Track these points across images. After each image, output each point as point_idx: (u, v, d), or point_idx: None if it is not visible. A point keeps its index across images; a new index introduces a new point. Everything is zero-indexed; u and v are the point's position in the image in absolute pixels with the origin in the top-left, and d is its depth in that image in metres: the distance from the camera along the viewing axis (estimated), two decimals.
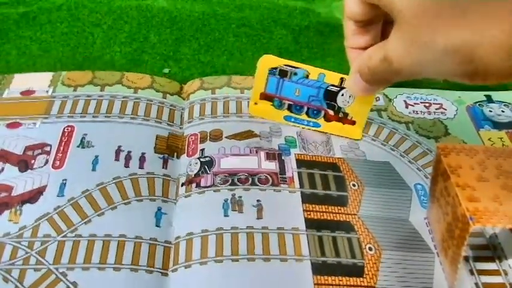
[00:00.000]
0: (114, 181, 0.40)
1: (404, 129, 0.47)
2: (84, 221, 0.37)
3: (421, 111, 0.49)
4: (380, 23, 0.36)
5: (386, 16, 0.33)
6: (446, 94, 0.52)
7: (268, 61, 0.44)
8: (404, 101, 0.50)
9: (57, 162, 0.41)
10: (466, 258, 0.38)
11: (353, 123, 0.45)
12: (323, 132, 0.46)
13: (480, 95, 0.52)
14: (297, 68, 0.44)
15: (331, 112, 0.45)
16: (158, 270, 0.36)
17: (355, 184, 0.41)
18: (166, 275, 0.36)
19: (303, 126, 0.46)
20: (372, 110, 0.47)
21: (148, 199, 0.39)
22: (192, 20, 0.59)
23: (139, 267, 0.35)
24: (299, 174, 0.42)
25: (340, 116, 0.45)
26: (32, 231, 0.36)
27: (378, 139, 0.46)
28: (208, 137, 0.44)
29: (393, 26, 0.31)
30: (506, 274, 0.37)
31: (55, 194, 0.39)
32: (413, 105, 0.50)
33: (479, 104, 0.51)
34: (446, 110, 0.50)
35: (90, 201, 0.39)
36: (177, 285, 0.35)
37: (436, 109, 0.50)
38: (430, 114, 0.49)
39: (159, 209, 0.39)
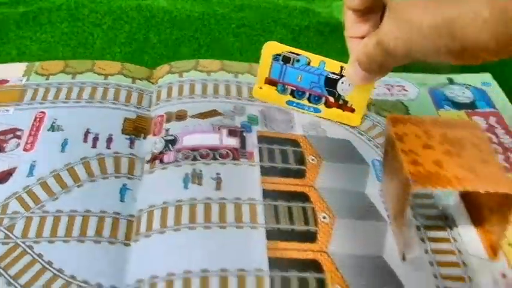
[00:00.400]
0: (81, 161, 0.42)
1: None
2: (52, 198, 0.40)
3: (383, 94, 0.51)
4: (379, 13, 0.38)
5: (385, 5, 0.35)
6: (410, 77, 0.53)
7: (272, 47, 0.46)
8: None
9: (28, 146, 0.43)
10: (418, 228, 0.39)
11: (352, 110, 0.47)
12: (323, 117, 0.48)
13: (443, 78, 0.54)
14: (299, 55, 0.46)
15: (331, 99, 0.47)
16: (121, 241, 0.38)
17: (314, 158, 0.43)
18: (128, 245, 0.38)
19: (304, 111, 0.48)
20: None
21: (114, 176, 0.42)
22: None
23: (102, 239, 0.38)
24: (259, 149, 0.43)
25: (340, 103, 0.47)
26: (1, 209, 0.38)
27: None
28: (174, 117, 0.46)
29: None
30: (455, 241, 0.39)
31: (25, 174, 0.41)
32: (375, 88, 0.51)
33: (441, 86, 0.53)
34: (408, 91, 0.52)
35: (57, 180, 0.41)
36: (138, 254, 0.37)
37: (398, 91, 0.52)
38: (392, 95, 0.51)
39: (124, 185, 0.41)
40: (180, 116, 0.46)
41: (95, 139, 0.44)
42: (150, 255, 0.37)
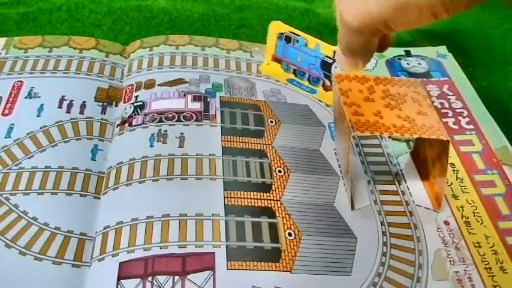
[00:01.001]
0: (56, 124, 0.45)
1: None
2: (27, 156, 0.42)
3: None
4: None
5: None
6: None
7: (276, 26, 0.49)
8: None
9: (6, 111, 0.46)
10: (369, 182, 0.43)
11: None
12: (318, 99, 0.49)
13: (400, 50, 0.57)
14: (299, 35, 0.48)
15: (327, 82, 0.48)
16: (91, 194, 0.41)
17: (273, 121, 0.46)
18: (98, 198, 0.41)
19: (300, 89, 0.50)
20: None
21: (86, 138, 0.45)
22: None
23: (74, 192, 0.40)
24: (221, 112, 0.47)
25: None
26: None
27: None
28: (143, 86, 0.49)
29: None
30: (403, 194, 0.42)
31: (3, 136, 0.44)
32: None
33: (398, 58, 0.56)
34: None
35: (33, 141, 0.44)
36: (106, 204, 0.40)
37: None
38: None
39: (96, 146, 0.44)
40: (149, 85, 0.49)
41: (69, 105, 0.47)
42: (117, 204, 0.40)
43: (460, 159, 0.45)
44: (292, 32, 0.48)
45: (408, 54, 0.57)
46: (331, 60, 0.47)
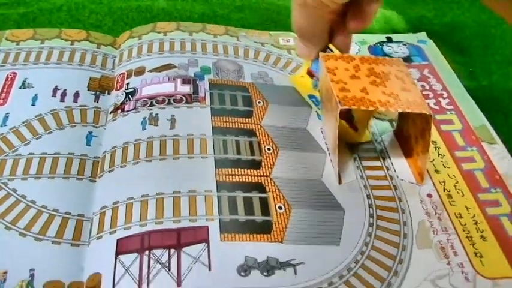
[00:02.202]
0: (51, 112, 0.46)
1: None
2: (24, 143, 0.44)
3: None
4: None
5: None
6: (352, 36, 0.58)
7: None
8: None
9: (1, 101, 0.47)
10: (355, 159, 0.44)
11: (356, 129, 0.45)
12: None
13: (382, 37, 0.59)
14: (332, 50, 0.45)
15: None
16: (87, 178, 0.42)
17: (261, 101, 0.48)
18: (94, 181, 0.42)
19: (317, 108, 0.48)
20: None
21: (81, 125, 0.46)
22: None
23: (70, 176, 0.42)
24: (211, 94, 0.48)
25: (348, 116, 0.45)
26: None
27: (286, 69, 0.53)
28: (133, 73, 0.50)
29: None
30: (388, 169, 0.44)
31: None
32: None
33: (380, 44, 0.58)
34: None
35: (29, 129, 0.45)
36: (102, 187, 0.41)
37: None
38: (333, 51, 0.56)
39: (90, 132, 0.46)
40: (139, 72, 0.50)
41: (63, 94, 0.48)
42: (112, 186, 0.41)
43: (442, 137, 0.47)
44: (329, 48, 0.46)
45: (390, 40, 0.59)
46: None
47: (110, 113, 0.47)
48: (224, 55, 0.53)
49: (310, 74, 0.49)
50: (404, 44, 0.58)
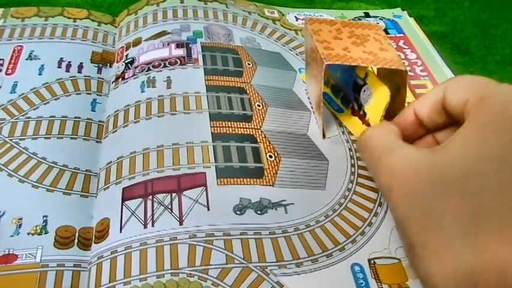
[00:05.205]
0: (57, 81, 0.50)
1: (293, 34, 0.58)
2: (33, 108, 0.47)
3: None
4: None
5: None
6: (331, 12, 0.63)
7: None
8: (295, 16, 0.61)
9: (9, 70, 0.51)
10: (343, 132, 0.48)
11: (368, 125, 0.45)
12: (341, 121, 0.48)
13: (360, 12, 0.63)
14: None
15: (355, 106, 0.46)
16: (93, 139, 0.46)
17: (250, 63, 0.52)
18: (100, 142, 0.46)
19: (329, 106, 0.48)
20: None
21: (85, 93, 0.50)
22: None
23: (77, 136, 0.45)
24: (203, 56, 0.52)
25: (361, 113, 0.45)
26: None
27: (272, 37, 0.57)
28: (131, 45, 0.54)
29: None
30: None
31: (8, 91, 0.48)
32: (302, 19, 0.60)
33: (358, 19, 0.62)
34: None
35: (37, 95, 0.48)
36: (108, 146, 0.45)
37: None
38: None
39: (94, 99, 0.49)
40: (136, 43, 0.54)
41: (68, 65, 0.52)
42: (117, 144, 0.45)
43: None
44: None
45: (367, 15, 0.63)
46: (362, 82, 0.45)
47: (112, 83, 0.51)
48: (214, 20, 0.57)
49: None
50: (381, 19, 0.62)
